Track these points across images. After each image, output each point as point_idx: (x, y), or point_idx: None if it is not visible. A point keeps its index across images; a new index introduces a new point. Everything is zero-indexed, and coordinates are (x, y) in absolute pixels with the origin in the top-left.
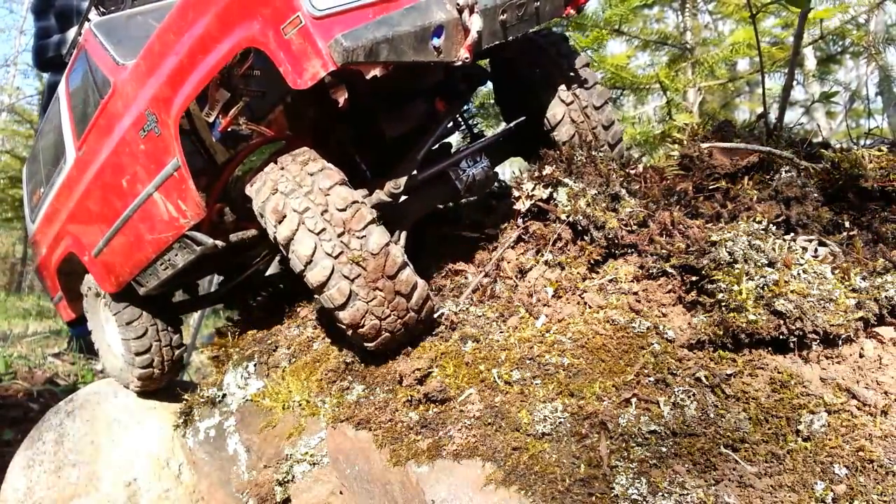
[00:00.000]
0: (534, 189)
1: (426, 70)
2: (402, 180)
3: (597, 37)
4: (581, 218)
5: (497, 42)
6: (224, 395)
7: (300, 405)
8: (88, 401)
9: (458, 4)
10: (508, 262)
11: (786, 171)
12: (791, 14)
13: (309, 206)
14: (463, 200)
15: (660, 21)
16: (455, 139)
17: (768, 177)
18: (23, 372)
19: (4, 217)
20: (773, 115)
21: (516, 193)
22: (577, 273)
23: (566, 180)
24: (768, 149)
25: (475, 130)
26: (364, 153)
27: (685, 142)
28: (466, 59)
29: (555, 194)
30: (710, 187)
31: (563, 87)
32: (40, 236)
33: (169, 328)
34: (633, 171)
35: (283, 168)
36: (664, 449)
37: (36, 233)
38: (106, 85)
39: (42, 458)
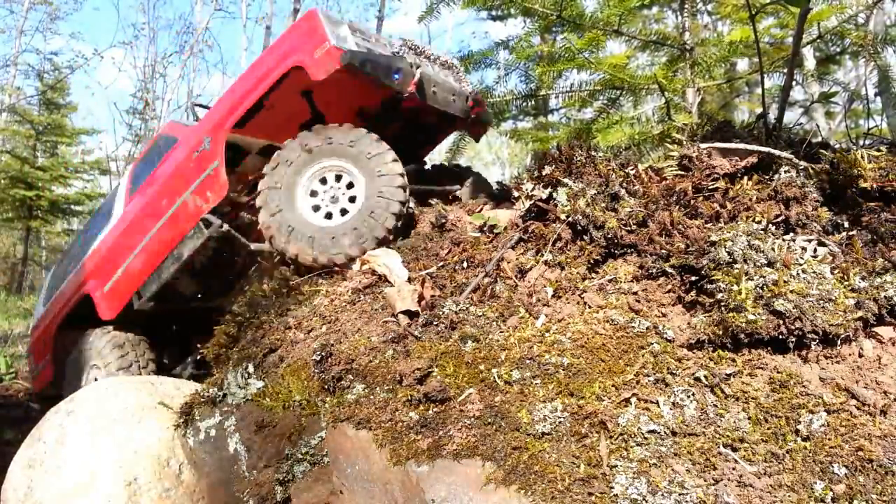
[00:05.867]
0: (533, 189)
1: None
2: None
3: (592, 38)
4: (581, 218)
5: (427, 102)
6: (224, 395)
7: (300, 405)
8: (89, 400)
9: (411, 64)
10: (508, 262)
11: (785, 172)
12: (789, 14)
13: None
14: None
15: (659, 21)
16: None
17: (767, 177)
18: (23, 372)
19: (5, 217)
20: (772, 116)
21: (516, 193)
22: (577, 273)
23: (566, 180)
24: (767, 149)
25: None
26: None
27: (684, 142)
28: (411, 91)
29: (554, 194)
30: (710, 187)
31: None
32: (45, 314)
33: None
34: (632, 172)
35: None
36: (664, 448)
37: (42, 316)
38: (170, 143)
39: (42, 457)
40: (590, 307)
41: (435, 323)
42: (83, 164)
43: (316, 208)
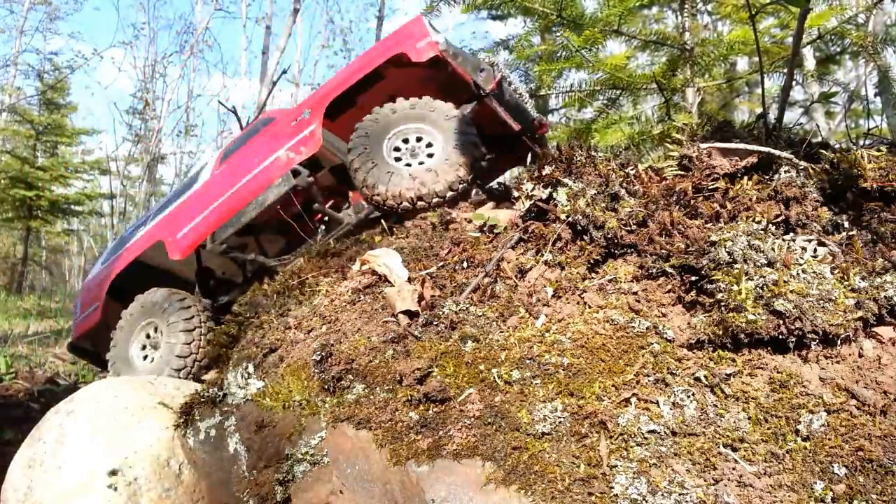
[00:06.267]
0: (533, 189)
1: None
2: None
3: (589, 36)
4: (581, 218)
5: (502, 109)
6: (224, 395)
7: (300, 405)
8: (89, 400)
9: (493, 71)
10: (508, 262)
11: (785, 172)
12: (789, 14)
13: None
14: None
15: (659, 21)
16: None
17: (767, 177)
18: (23, 372)
19: (5, 217)
20: (772, 116)
21: (516, 193)
22: (577, 273)
23: (566, 180)
24: (767, 149)
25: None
26: None
27: (684, 142)
28: (493, 89)
29: (554, 194)
30: (710, 187)
31: None
32: (105, 267)
33: None
34: (632, 172)
35: None
36: (664, 448)
37: (99, 270)
38: (267, 122)
39: (42, 457)
40: (590, 307)
41: (435, 323)
42: (83, 164)
43: (398, 159)
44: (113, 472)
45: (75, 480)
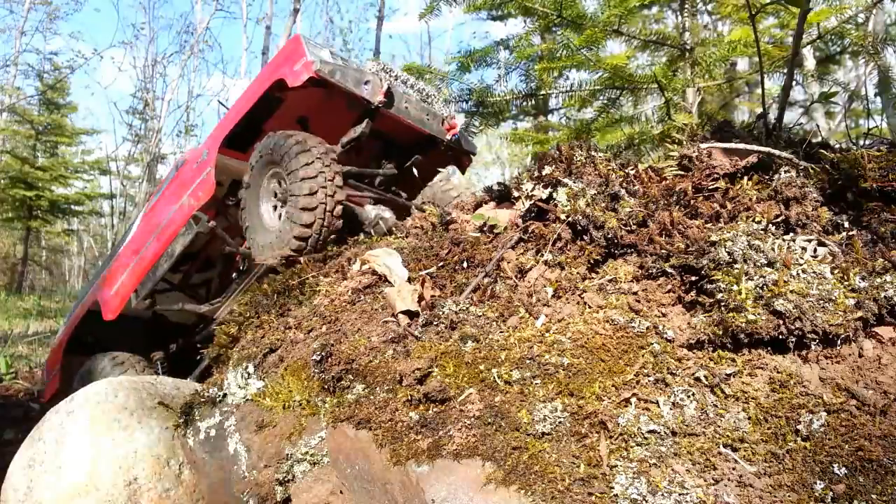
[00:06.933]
0: (533, 189)
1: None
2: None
3: (590, 35)
4: (581, 218)
5: (401, 116)
6: (224, 395)
7: (300, 405)
8: (88, 400)
9: (380, 78)
10: (508, 262)
11: (785, 172)
12: (789, 14)
13: None
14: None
15: (659, 21)
16: None
17: (767, 177)
18: (23, 372)
19: (5, 217)
20: (772, 116)
21: (516, 193)
22: (577, 273)
23: (566, 180)
24: (767, 149)
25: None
26: None
27: (684, 142)
28: (381, 101)
29: (554, 194)
30: (710, 187)
31: None
32: (63, 331)
33: None
34: (632, 172)
35: None
36: (664, 448)
37: (61, 333)
38: (181, 163)
39: (42, 457)
40: (590, 307)
41: (435, 323)
42: (83, 164)
43: (275, 207)
44: (113, 472)
45: (75, 480)
